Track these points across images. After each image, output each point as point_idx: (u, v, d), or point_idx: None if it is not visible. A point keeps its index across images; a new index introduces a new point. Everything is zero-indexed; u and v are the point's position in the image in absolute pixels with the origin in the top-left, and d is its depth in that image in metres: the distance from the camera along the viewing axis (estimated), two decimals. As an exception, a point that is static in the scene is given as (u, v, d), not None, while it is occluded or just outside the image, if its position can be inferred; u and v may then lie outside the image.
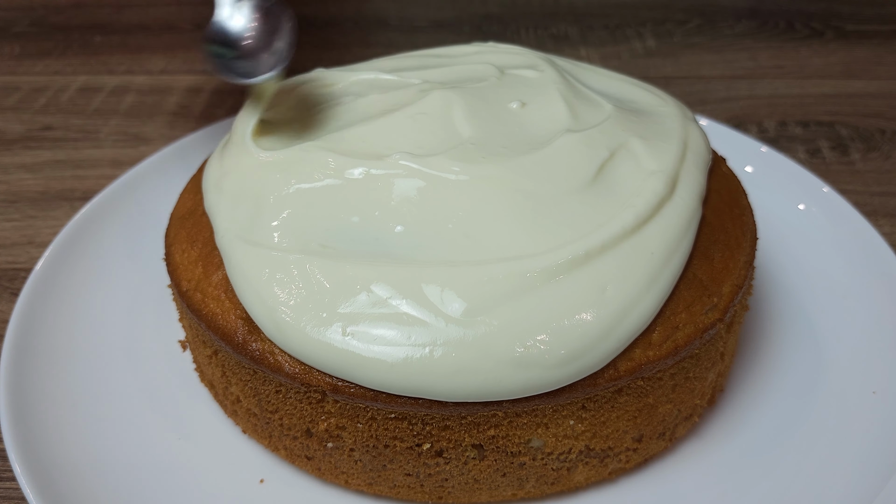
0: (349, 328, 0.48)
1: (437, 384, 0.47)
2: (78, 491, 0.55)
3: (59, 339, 0.67)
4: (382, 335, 0.48)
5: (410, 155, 0.55)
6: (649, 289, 0.50)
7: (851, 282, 0.72)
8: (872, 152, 1.00)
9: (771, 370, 0.66)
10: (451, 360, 0.47)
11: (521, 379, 0.48)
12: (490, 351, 0.47)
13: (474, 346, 0.47)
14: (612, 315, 0.48)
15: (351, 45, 1.28)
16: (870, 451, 0.58)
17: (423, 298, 0.48)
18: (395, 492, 0.57)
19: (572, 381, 0.49)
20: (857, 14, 1.36)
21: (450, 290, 0.48)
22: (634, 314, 0.49)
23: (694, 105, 1.09)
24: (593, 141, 0.57)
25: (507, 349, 0.47)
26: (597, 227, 0.51)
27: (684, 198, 0.55)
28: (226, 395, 0.60)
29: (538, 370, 0.47)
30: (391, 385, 0.48)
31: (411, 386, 0.48)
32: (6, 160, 0.99)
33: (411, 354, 0.47)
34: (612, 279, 0.49)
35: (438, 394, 0.48)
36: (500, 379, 0.47)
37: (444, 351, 0.47)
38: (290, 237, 0.53)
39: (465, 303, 0.48)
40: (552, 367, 0.47)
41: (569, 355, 0.47)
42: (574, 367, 0.48)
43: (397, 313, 0.48)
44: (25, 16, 1.36)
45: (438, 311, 0.48)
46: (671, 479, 0.58)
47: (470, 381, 0.47)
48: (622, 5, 1.40)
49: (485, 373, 0.47)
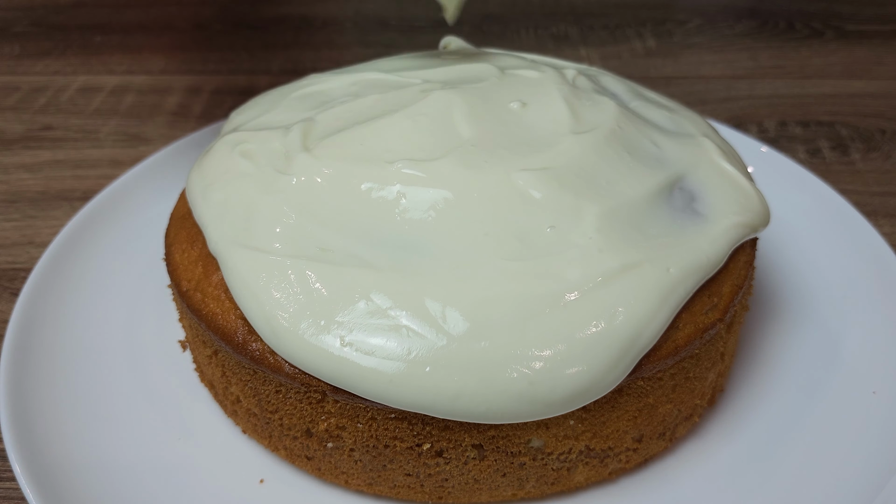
0: (347, 337, 0.47)
1: (436, 405, 0.47)
2: (78, 491, 0.55)
3: (59, 339, 0.67)
4: (382, 347, 0.47)
5: (412, 161, 0.54)
6: (661, 308, 0.49)
7: (851, 282, 0.72)
8: (873, 152, 1.00)
9: (771, 370, 0.66)
10: (452, 384, 0.46)
11: (524, 411, 0.47)
12: (493, 379, 0.46)
13: (477, 372, 0.46)
14: (621, 345, 0.47)
15: (351, 45, 1.29)
16: (870, 451, 0.58)
17: (425, 312, 0.47)
18: (395, 492, 0.57)
19: (575, 408, 0.48)
20: (857, 14, 1.36)
21: (452, 307, 0.47)
22: (644, 339, 0.48)
23: (694, 105, 1.09)
24: (601, 146, 0.56)
25: (511, 379, 0.46)
26: (609, 249, 0.50)
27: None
28: (226, 395, 0.60)
29: (542, 406, 0.47)
30: (389, 399, 0.47)
31: (409, 402, 0.47)
32: (6, 160, 0.99)
33: (411, 371, 0.46)
34: (623, 302, 0.48)
35: (438, 413, 0.47)
36: (502, 409, 0.47)
37: (446, 373, 0.46)
38: (287, 241, 0.52)
39: (468, 322, 0.47)
40: (556, 403, 0.47)
41: (574, 393, 0.47)
42: (579, 401, 0.48)
43: (397, 325, 0.47)
44: (25, 16, 1.36)
45: (440, 327, 0.47)
46: (671, 479, 0.58)
47: (471, 407, 0.47)
48: (622, 5, 1.40)
49: (487, 403, 0.47)
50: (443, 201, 0.52)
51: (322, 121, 0.61)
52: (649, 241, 0.51)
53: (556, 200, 0.52)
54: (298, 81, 0.72)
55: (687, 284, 0.51)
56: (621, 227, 0.52)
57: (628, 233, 0.51)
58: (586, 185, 0.53)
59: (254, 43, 1.28)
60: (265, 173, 0.57)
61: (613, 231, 0.51)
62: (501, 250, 0.50)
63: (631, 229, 0.52)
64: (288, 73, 1.17)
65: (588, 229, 0.51)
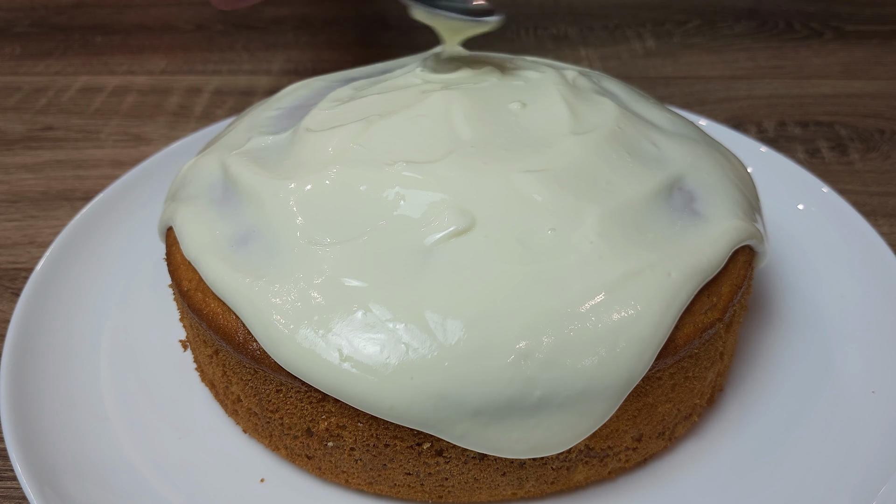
0: (346, 351, 0.47)
1: (437, 427, 0.47)
2: (78, 491, 0.55)
3: (60, 339, 0.67)
4: (383, 363, 0.46)
5: (411, 163, 0.54)
6: (661, 323, 0.49)
7: (850, 282, 0.72)
8: (871, 152, 1.00)
9: (770, 370, 0.66)
10: (453, 411, 0.46)
11: (524, 449, 0.48)
12: (495, 412, 0.46)
13: (478, 400, 0.46)
14: (623, 376, 0.47)
15: (351, 45, 1.29)
16: (870, 451, 0.58)
17: (424, 324, 0.47)
18: (396, 491, 0.57)
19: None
20: (856, 14, 1.36)
21: (453, 318, 0.47)
22: (646, 359, 0.48)
23: (693, 105, 1.09)
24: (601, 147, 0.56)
25: (513, 409, 0.46)
26: (610, 255, 0.50)
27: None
28: (226, 395, 0.60)
29: (544, 441, 0.48)
30: (387, 416, 0.47)
31: (408, 421, 0.47)
32: (7, 160, 0.99)
33: (413, 397, 0.46)
34: (626, 326, 0.48)
35: (439, 434, 0.48)
36: (502, 440, 0.47)
37: (448, 396, 0.46)
38: (286, 245, 0.52)
39: (469, 335, 0.47)
40: (560, 442, 0.48)
41: (576, 432, 0.48)
42: (579, 434, 0.48)
43: (398, 339, 0.47)
44: (26, 16, 1.37)
45: (441, 344, 0.46)
46: (671, 479, 0.59)
47: (471, 433, 0.47)
48: (622, 5, 1.40)
49: (488, 438, 0.47)
50: (442, 203, 0.52)
51: (321, 122, 0.61)
52: (649, 242, 0.51)
53: (556, 202, 0.52)
54: (290, 87, 0.72)
55: (688, 288, 0.51)
56: (622, 228, 0.52)
57: (629, 235, 0.51)
58: (587, 186, 0.53)
59: (254, 43, 1.28)
60: (265, 175, 0.57)
61: (614, 234, 0.51)
62: (502, 253, 0.50)
63: (631, 231, 0.52)
64: (288, 74, 1.18)
65: (589, 232, 0.50)
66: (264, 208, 0.54)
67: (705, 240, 0.53)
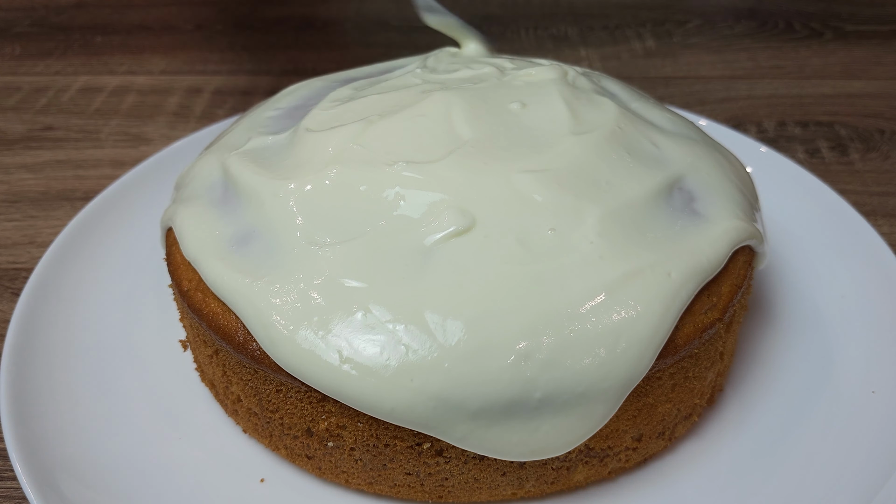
0: (346, 352, 0.47)
1: (437, 429, 0.47)
2: (78, 491, 0.55)
3: (60, 339, 0.67)
4: (383, 364, 0.46)
5: (411, 163, 0.54)
6: (661, 323, 0.49)
7: (850, 282, 0.72)
8: (871, 152, 1.00)
9: (770, 370, 0.66)
10: (454, 413, 0.46)
11: (524, 452, 0.48)
12: (495, 413, 0.46)
13: (479, 402, 0.46)
14: (623, 377, 0.47)
15: (351, 45, 1.29)
16: (869, 451, 0.58)
17: (424, 325, 0.47)
18: (396, 491, 0.57)
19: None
20: (856, 14, 1.36)
21: (453, 318, 0.47)
22: (645, 361, 0.48)
23: (693, 105, 1.09)
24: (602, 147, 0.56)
25: (513, 411, 0.46)
26: (610, 256, 0.50)
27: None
28: (226, 395, 0.60)
29: (544, 444, 0.47)
30: (388, 418, 0.47)
31: (409, 422, 0.47)
32: (7, 160, 0.99)
33: (414, 399, 0.46)
34: (627, 327, 0.48)
35: (440, 436, 0.48)
36: (502, 443, 0.47)
37: (448, 398, 0.46)
38: (286, 245, 0.52)
39: (469, 336, 0.46)
40: (561, 445, 0.48)
41: (577, 434, 0.48)
42: (580, 436, 0.48)
43: (398, 341, 0.47)
44: (26, 16, 1.37)
45: (441, 345, 0.46)
46: (671, 479, 0.59)
47: (472, 435, 0.47)
48: (622, 6, 1.41)
49: (489, 441, 0.47)
50: (442, 203, 0.52)
51: (321, 122, 0.61)
52: (650, 243, 0.51)
53: (556, 202, 0.52)
54: (290, 87, 0.72)
55: (688, 288, 0.51)
56: (622, 229, 0.52)
57: (629, 235, 0.51)
58: (587, 186, 0.53)
59: (255, 43, 1.28)
60: (264, 175, 0.57)
61: (614, 234, 0.51)
62: (502, 253, 0.50)
63: (631, 231, 0.52)
64: (289, 74, 1.17)
65: (589, 233, 0.51)
66: (264, 208, 0.55)
67: (705, 240, 0.53)
